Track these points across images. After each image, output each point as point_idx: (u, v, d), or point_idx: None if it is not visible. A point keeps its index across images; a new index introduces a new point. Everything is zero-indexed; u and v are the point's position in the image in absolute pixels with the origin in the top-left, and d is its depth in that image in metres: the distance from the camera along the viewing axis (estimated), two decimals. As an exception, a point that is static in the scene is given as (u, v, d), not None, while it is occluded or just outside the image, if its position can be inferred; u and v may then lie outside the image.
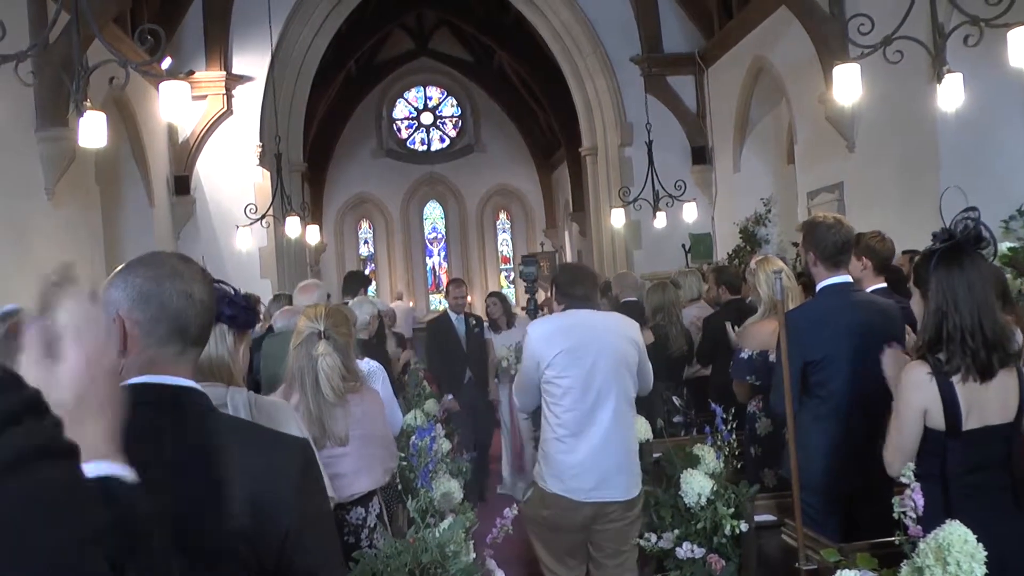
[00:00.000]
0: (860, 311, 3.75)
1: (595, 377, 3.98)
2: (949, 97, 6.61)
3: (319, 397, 3.31)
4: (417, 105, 25.14)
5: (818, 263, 3.81)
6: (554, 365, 3.99)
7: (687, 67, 14.09)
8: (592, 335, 4.05)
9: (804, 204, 11.11)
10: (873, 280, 4.42)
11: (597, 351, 4.00)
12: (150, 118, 11.60)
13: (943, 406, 2.78)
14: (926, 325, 2.84)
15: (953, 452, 2.81)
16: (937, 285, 2.81)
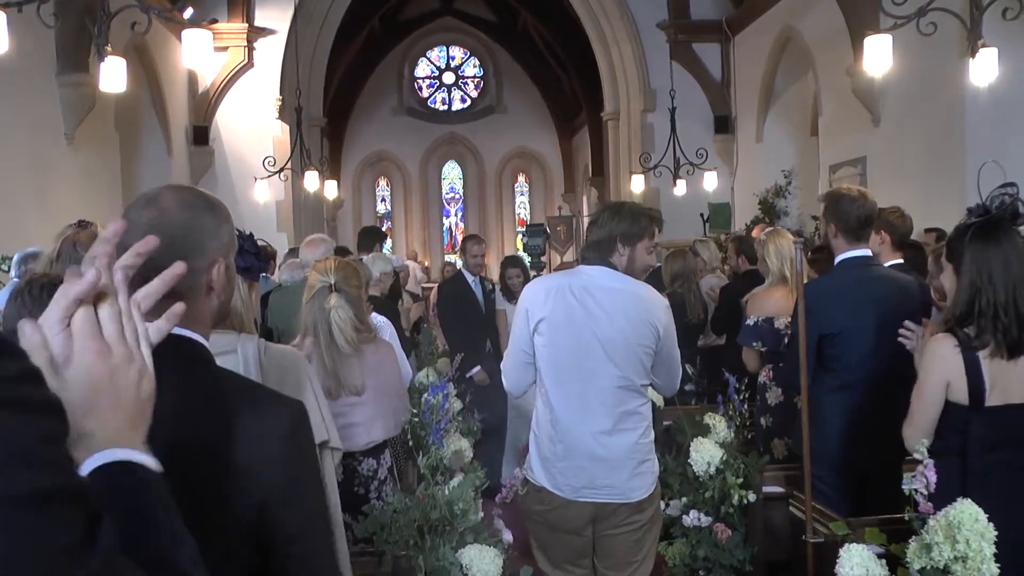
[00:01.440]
0: (879, 286, 3.72)
1: (589, 357, 3.20)
2: (982, 72, 6.50)
3: (333, 349, 3.32)
4: (439, 64, 24.97)
5: (839, 235, 3.77)
6: (540, 332, 3.24)
7: (714, 35, 13.91)
8: (593, 304, 3.21)
9: (826, 177, 11.00)
10: (891, 256, 4.38)
11: (594, 326, 3.19)
12: (170, 67, 11.56)
13: (967, 379, 2.75)
14: (958, 299, 2.80)
15: (974, 428, 2.78)
16: (972, 259, 2.77)
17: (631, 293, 3.27)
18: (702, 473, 4.20)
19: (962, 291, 2.79)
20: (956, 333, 2.79)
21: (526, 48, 22.45)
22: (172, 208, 1.47)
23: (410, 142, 24.10)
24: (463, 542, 3.06)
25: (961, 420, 2.80)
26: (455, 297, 7.36)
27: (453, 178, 25.32)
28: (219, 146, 13.01)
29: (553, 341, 3.22)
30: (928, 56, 7.93)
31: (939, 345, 2.82)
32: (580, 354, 3.20)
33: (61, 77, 8.48)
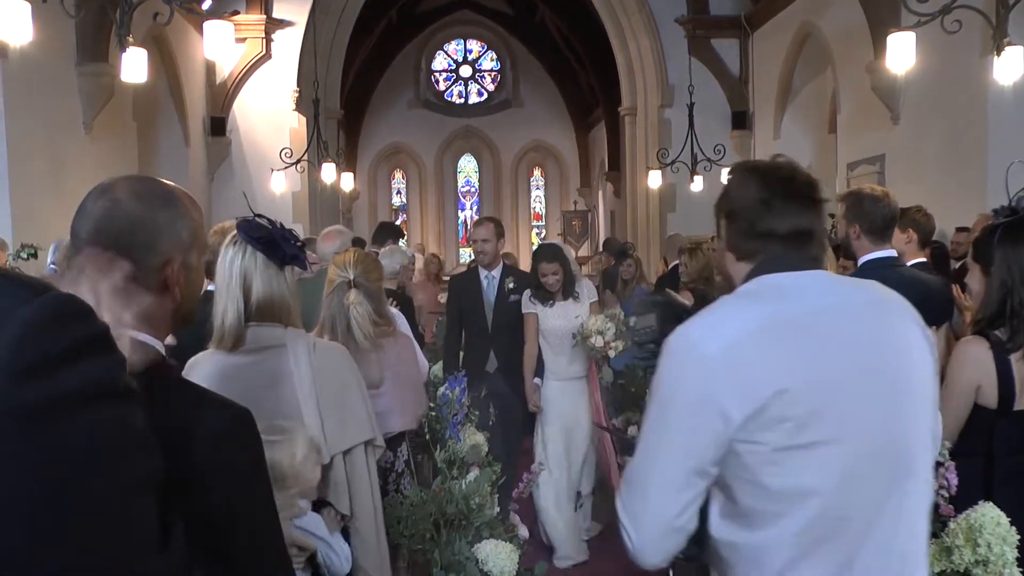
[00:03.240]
0: (904, 288, 3.67)
1: (898, 475, 1.63)
2: (1007, 70, 6.44)
3: (351, 343, 3.32)
4: (456, 58, 24.95)
5: (862, 236, 3.70)
6: (771, 422, 1.53)
7: (732, 30, 13.85)
8: (860, 339, 1.69)
9: (843, 175, 10.93)
10: (916, 254, 4.34)
11: (879, 381, 1.65)
12: (189, 58, 11.60)
13: (998, 383, 2.72)
14: (988, 300, 2.77)
15: (1001, 431, 2.76)
16: (1002, 260, 2.73)
17: (888, 307, 1.96)
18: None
19: (992, 292, 2.75)
20: (988, 335, 2.76)
21: (543, 42, 22.40)
22: (124, 200, 1.38)
23: (426, 135, 24.10)
24: (479, 537, 3.05)
25: (987, 423, 2.77)
26: (456, 294, 6.11)
27: (469, 171, 25.31)
28: (236, 137, 13.04)
29: (809, 436, 1.55)
30: (950, 53, 7.86)
31: (972, 347, 2.79)
32: (886, 473, 1.61)
33: (81, 67, 8.52)
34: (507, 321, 5.78)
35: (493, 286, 5.89)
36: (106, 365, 0.82)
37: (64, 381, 0.78)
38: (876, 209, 3.68)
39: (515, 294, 5.79)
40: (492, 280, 5.90)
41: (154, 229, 1.37)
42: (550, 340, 5.63)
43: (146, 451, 0.85)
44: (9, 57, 6.95)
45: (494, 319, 5.83)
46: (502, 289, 5.85)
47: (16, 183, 7.35)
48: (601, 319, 5.44)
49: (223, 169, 12.96)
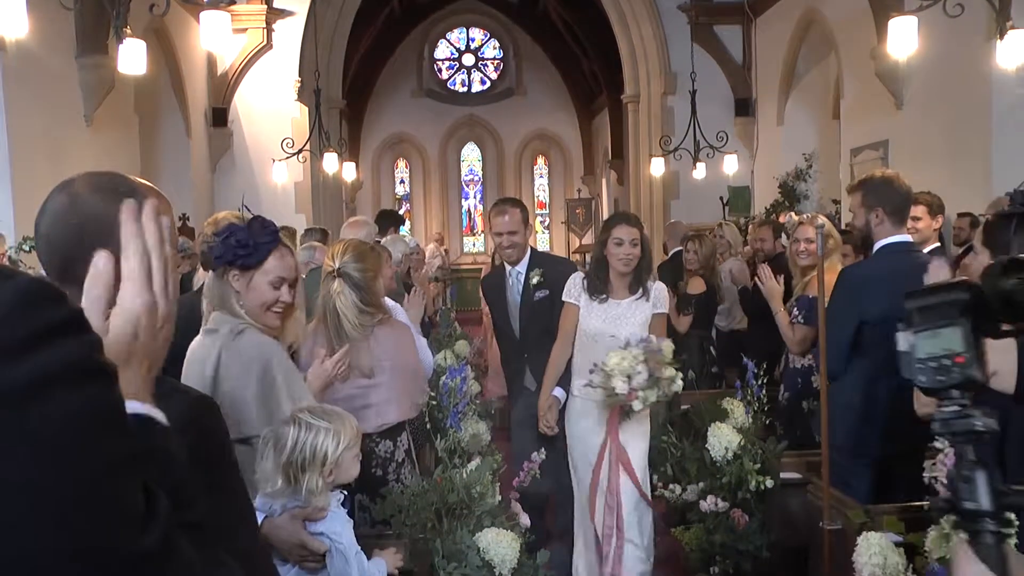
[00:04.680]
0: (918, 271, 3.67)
1: None
2: (1011, 54, 6.41)
3: (341, 333, 3.34)
4: (459, 46, 24.88)
5: (885, 220, 3.71)
6: None
7: (735, 17, 13.79)
8: None
9: (847, 161, 10.89)
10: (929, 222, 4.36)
11: None
12: (189, 49, 11.58)
13: (1019, 370, 2.72)
14: None
15: (1016, 419, 2.76)
16: (1020, 249, 2.71)
17: None
18: (719, 458, 4.19)
19: None
20: None
21: (546, 30, 22.33)
22: (84, 193, 1.40)
23: (429, 124, 24.06)
24: (480, 526, 3.06)
25: (1001, 409, 2.75)
26: (488, 299, 5.16)
27: (472, 160, 25.26)
28: (238, 128, 13.03)
29: None
30: (954, 38, 7.82)
31: None
32: None
33: (80, 59, 8.50)
34: (539, 325, 4.60)
35: (518, 285, 4.74)
36: (79, 346, 0.82)
37: (37, 363, 0.78)
38: (897, 191, 3.71)
39: (542, 290, 4.61)
40: (517, 278, 4.74)
41: (110, 220, 1.32)
42: (586, 346, 4.25)
43: (124, 429, 0.85)
44: (7, 50, 6.95)
45: (522, 325, 4.72)
46: (527, 288, 4.68)
47: (18, 176, 7.35)
48: (632, 356, 3.79)
49: (225, 160, 12.96)
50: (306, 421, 2.47)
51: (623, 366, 3.76)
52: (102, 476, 0.81)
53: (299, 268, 2.82)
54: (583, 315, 4.27)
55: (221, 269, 2.69)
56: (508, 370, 4.98)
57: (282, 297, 2.70)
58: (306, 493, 2.44)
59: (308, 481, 2.43)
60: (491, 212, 4.82)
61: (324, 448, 2.45)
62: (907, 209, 3.77)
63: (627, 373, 3.75)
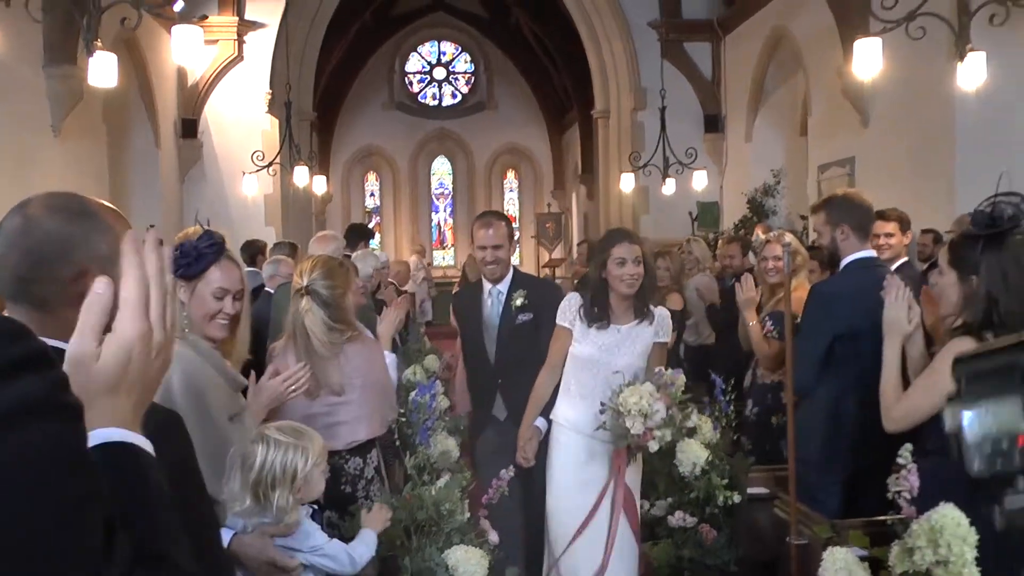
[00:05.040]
0: None
1: None
2: (970, 76, 6.55)
3: (310, 349, 3.33)
4: (430, 59, 24.91)
5: (850, 236, 3.78)
6: None
7: (705, 34, 13.94)
8: None
9: (814, 177, 11.03)
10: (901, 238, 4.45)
11: None
12: (160, 60, 11.50)
13: None
14: (974, 308, 2.81)
15: None
16: (989, 270, 2.77)
17: None
18: (687, 474, 4.20)
19: (978, 301, 2.78)
20: (979, 339, 2.79)
21: (517, 44, 22.42)
22: (39, 215, 1.41)
23: (400, 137, 24.05)
24: (449, 543, 3.06)
25: None
26: (458, 317, 4.81)
27: (443, 174, 25.27)
28: (208, 139, 12.96)
29: None
30: (917, 59, 7.96)
31: (967, 347, 2.82)
32: None
33: (48, 69, 8.42)
34: (516, 351, 4.30)
35: (498, 305, 4.39)
36: (40, 382, 0.82)
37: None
38: (858, 208, 3.80)
39: (525, 313, 4.30)
40: (497, 297, 4.39)
41: (67, 241, 1.38)
42: (579, 373, 3.91)
43: (85, 468, 0.84)
44: (-27, 60, 6.87)
45: (498, 348, 4.37)
46: (508, 309, 4.35)
47: (-17, 186, 7.27)
48: (648, 392, 3.43)
49: (194, 172, 12.88)
50: (274, 439, 2.47)
51: (641, 404, 3.37)
52: (57, 516, 0.79)
53: (245, 281, 2.80)
54: (577, 340, 3.89)
55: None
56: (474, 396, 4.61)
57: (225, 308, 2.70)
58: (276, 511, 2.44)
59: (278, 499, 2.43)
60: (475, 224, 4.47)
61: (294, 465, 2.46)
62: (870, 224, 3.85)
63: (644, 412, 3.38)
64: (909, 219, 5.18)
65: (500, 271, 4.36)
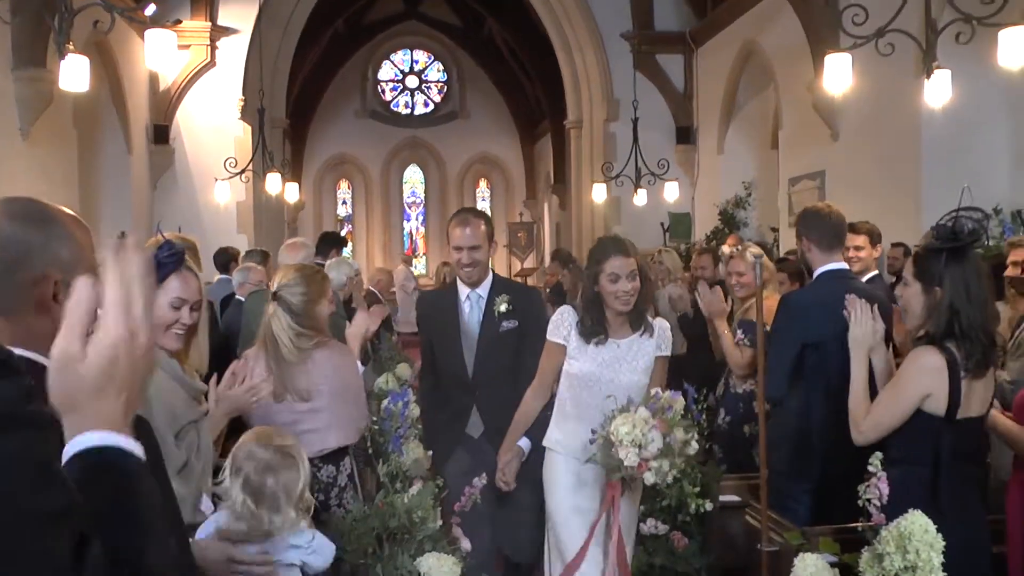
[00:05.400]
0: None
1: None
2: (936, 93, 6.65)
3: (278, 355, 3.35)
4: (403, 68, 24.90)
5: (812, 249, 3.87)
6: None
7: (677, 46, 14.05)
8: None
9: (785, 190, 11.15)
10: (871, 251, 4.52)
11: None
12: (132, 65, 11.42)
13: (949, 394, 2.84)
14: (938, 319, 2.89)
15: (946, 439, 2.89)
16: (952, 281, 2.86)
17: None
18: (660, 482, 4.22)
19: (941, 312, 2.87)
20: (943, 347, 2.87)
21: (490, 54, 22.48)
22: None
23: (372, 145, 24.00)
24: (421, 550, 3.06)
25: (933, 431, 2.89)
26: (426, 322, 4.34)
27: (415, 182, 25.25)
28: (180, 145, 12.87)
29: None
30: (886, 75, 8.08)
31: (931, 357, 2.89)
32: None
33: (17, 72, 8.33)
34: (499, 361, 3.96)
35: (477, 310, 4.02)
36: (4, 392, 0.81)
37: None
38: (820, 221, 3.84)
39: (510, 320, 3.96)
40: (477, 302, 4.02)
41: (24, 246, 1.39)
42: (578, 394, 3.60)
43: (53, 480, 0.82)
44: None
45: (477, 359, 3.98)
46: (490, 315, 3.98)
47: (-51, 190, 7.18)
48: (642, 420, 3.08)
49: (166, 178, 12.78)
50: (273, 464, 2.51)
51: (634, 435, 3.02)
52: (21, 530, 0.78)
53: (203, 292, 2.80)
54: (572, 358, 3.58)
55: None
56: (444, 412, 4.13)
57: (182, 319, 2.69)
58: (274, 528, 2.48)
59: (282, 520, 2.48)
60: (451, 223, 4.08)
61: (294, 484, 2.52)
62: (835, 239, 3.89)
63: (638, 443, 3.03)
64: (879, 233, 5.25)
65: (478, 274, 3.99)
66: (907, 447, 2.90)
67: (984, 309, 2.88)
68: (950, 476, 2.90)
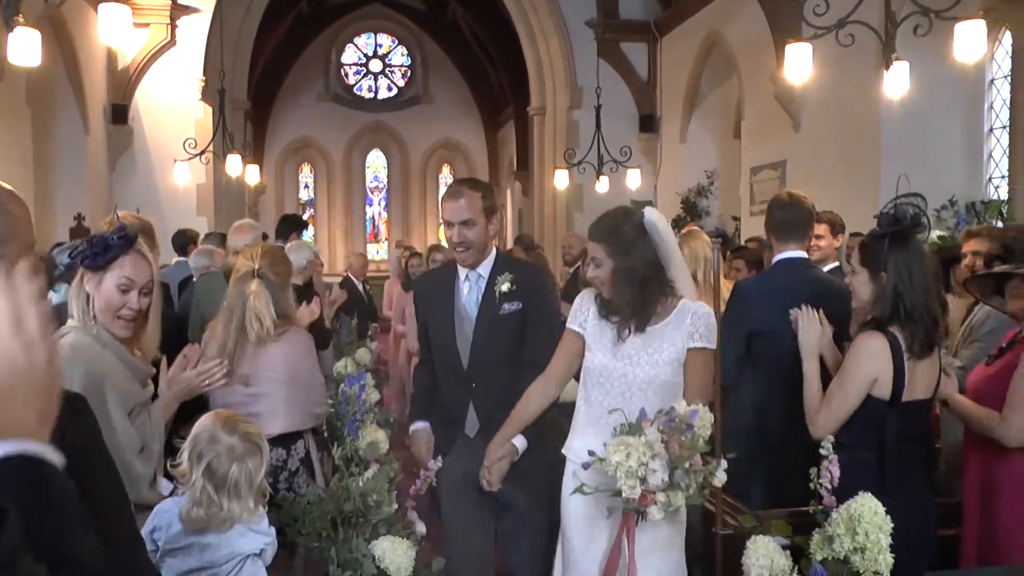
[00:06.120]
0: (811, 286, 3.82)
1: None
2: (895, 84, 6.72)
3: (240, 334, 3.31)
4: (367, 51, 24.71)
5: (771, 237, 3.94)
6: None
7: (641, 35, 14.09)
8: None
9: (747, 179, 11.24)
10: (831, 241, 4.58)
11: None
12: (87, 42, 11.18)
13: (894, 376, 2.90)
14: (883, 303, 2.95)
15: (891, 422, 2.95)
16: (895, 266, 2.93)
17: None
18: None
19: (887, 296, 2.94)
20: (885, 331, 2.93)
21: (454, 39, 22.38)
22: None
23: (335, 129, 23.82)
24: (376, 534, 3.04)
25: (879, 415, 2.95)
26: (422, 306, 3.74)
27: (377, 167, 25.10)
28: (138, 125, 12.66)
29: None
30: (847, 66, 8.16)
31: (872, 342, 2.94)
32: None
33: (-33, 46, 8.13)
34: (499, 348, 3.44)
35: (476, 291, 3.50)
36: None
37: None
38: (780, 210, 3.90)
39: (512, 302, 3.42)
40: (477, 282, 3.50)
41: None
42: (590, 393, 3.04)
43: None
44: None
45: (474, 346, 3.45)
46: (491, 296, 3.45)
47: None
48: (644, 445, 2.49)
49: (124, 158, 12.58)
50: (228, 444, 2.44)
51: (628, 465, 2.46)
52: None
53: (156, 277, 2.76)
54: (589, 348, 3.04)
55: (79, 272, 2.67)
56: (438, 408, 3.62)
57: (130, 303, 2.65)
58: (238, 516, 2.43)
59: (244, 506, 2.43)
60: (442, 199, 3.58)
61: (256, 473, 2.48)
62: (791, 228, 3.90)
63: (636, 473, 2.47)
64: (842, 223, 5.30)
65: (473, 257, 3.43)
66: (854, 431, 2.96)
67: (927, 292, 2.95)
68: (896, 459, 2.95)
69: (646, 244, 2.92)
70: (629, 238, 2.91)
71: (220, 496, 2.41)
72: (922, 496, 3.01)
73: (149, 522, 2.44)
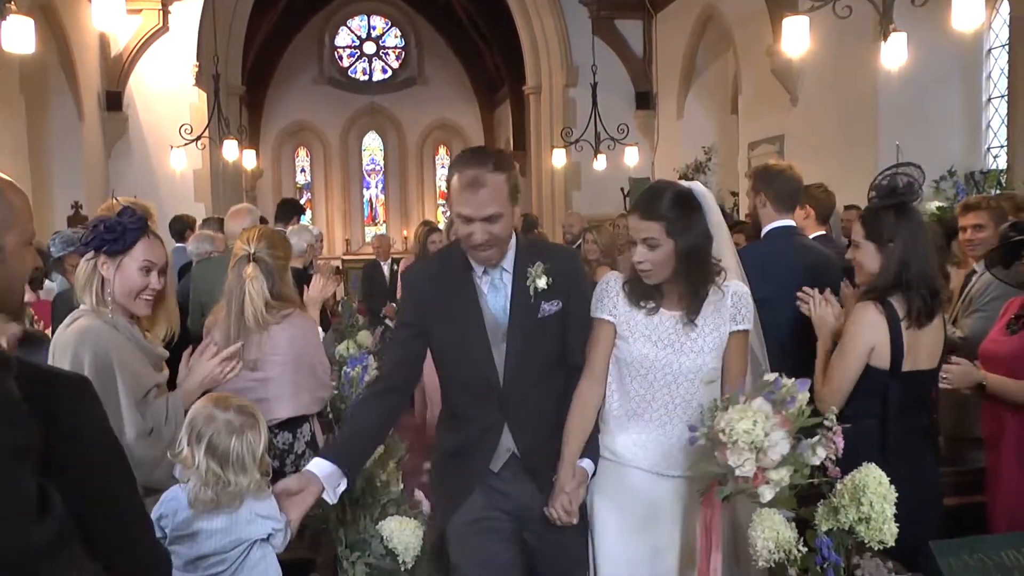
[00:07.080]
0: (805, 254, 3.85)
1: None
2: (893, 55, 6.71)
3: (240, 320, 3.31)
4: (360, 34, 24.56)
5: (767, 205, 3.91)
6: None
7: (636, 11, 14.03)
8: None
9: (745, 154, 11.21)
10: (815, 229, 4.54)
11: None
12: (80, 29, 11.14)
13: (891, 345, 2.91)
14: (887, 272, 2.96)
15: (893, 391, 2.96)
16: (900, 236, 2.94)
17: None
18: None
19: (892, 265, 2.95)
20: (881, 300, 2.95)
21: (448, 19, 22.24)
22: None
23: (331, 112, 23.71)
24: (384, 514, 3.05)
25: (881, 384, 2.97)
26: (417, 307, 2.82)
27: (374, 149, 25.00)
28: (133, 112, 12.63)
29: None
30: (844, 39, 8.12)
31: (867, 312, 2.97)
32: None
33: (-41, 35, 8.09)
34: (540, 360, 2.76)
35: (503, 293, 2.74)
36: None
37: None
38: (779, 180, 3.89)
39: (551, 301, 2.71)
40: (500, 277, 2.74)
41: None
42: (628, 384, 2.76)
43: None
44: None
45: (509, 359, 2.72)
46: (522, 296, 2.71)
47: None
48: (764, 415, 2.24)
49: (120, 146, 12.55)
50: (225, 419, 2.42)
51: (755, 434, 2.20)
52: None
53: (170, 256, 2.79)
54: (620, 337, 2.73)
55: (92, 258, 2.70)
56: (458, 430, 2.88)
57: (151, 284, 2.71)
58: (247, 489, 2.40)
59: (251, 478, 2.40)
60: (451, 173, 2.63)
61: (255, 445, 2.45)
62: (791, 198, 3.94)
63: (758, 444, 2.22)
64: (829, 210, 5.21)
65: (498, 255, 2.67)
66: (856, 402, 2.98)
67: (928, 261, 2.96)
68: (898, 429, 2.97)
69: (703, 220, 2.65)
70: (689, 215, 2.62)
71: (226, 471, 2.39)
72: (927, 465, 3.03)
73: (155, 510, 2.43)
